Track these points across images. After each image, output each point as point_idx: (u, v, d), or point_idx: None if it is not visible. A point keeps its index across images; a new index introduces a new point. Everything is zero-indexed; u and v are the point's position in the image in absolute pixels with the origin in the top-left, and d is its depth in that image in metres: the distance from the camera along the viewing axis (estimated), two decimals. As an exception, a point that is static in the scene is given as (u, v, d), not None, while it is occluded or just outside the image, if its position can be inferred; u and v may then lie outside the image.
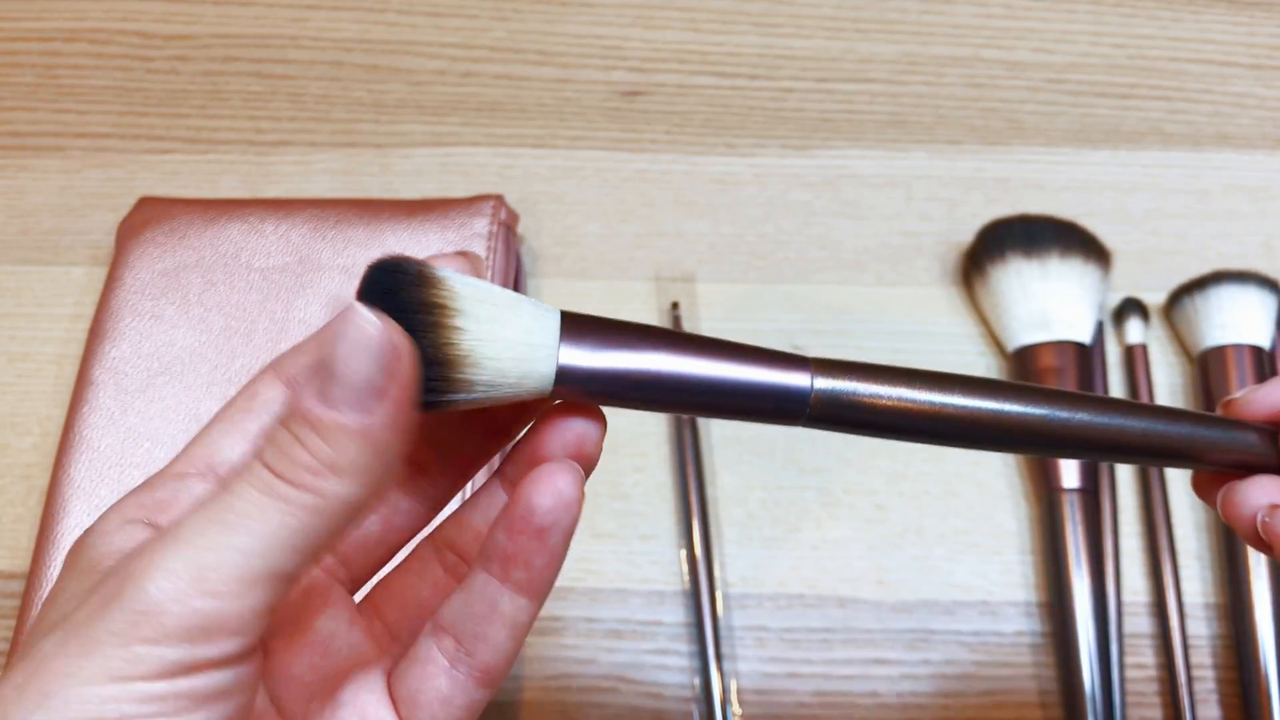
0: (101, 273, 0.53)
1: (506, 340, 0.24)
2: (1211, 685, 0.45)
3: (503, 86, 0.60)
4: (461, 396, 0.23)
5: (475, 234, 0.50)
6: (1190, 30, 0.61)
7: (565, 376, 0.24)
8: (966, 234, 0.53)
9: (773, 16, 0.62)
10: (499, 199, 0.51)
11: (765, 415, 0.26)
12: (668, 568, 0.47)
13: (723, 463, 0.50)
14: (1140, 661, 0.46)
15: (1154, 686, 0.45)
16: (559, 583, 0.46)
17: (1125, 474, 0.49)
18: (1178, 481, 0.49)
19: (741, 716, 0.45)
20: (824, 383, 0.26)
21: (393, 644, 0.27)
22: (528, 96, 0.59)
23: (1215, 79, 0.60)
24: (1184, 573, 0.47)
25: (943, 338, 0.53)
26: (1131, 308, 0.52)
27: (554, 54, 0.61)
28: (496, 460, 0.29)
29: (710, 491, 0.49)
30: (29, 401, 0.51)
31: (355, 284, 0.23)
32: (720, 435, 0.50)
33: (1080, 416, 0.27)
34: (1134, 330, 0.51)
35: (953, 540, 0.48)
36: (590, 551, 0.48)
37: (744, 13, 0.62)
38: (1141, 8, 0.62)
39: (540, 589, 0.25)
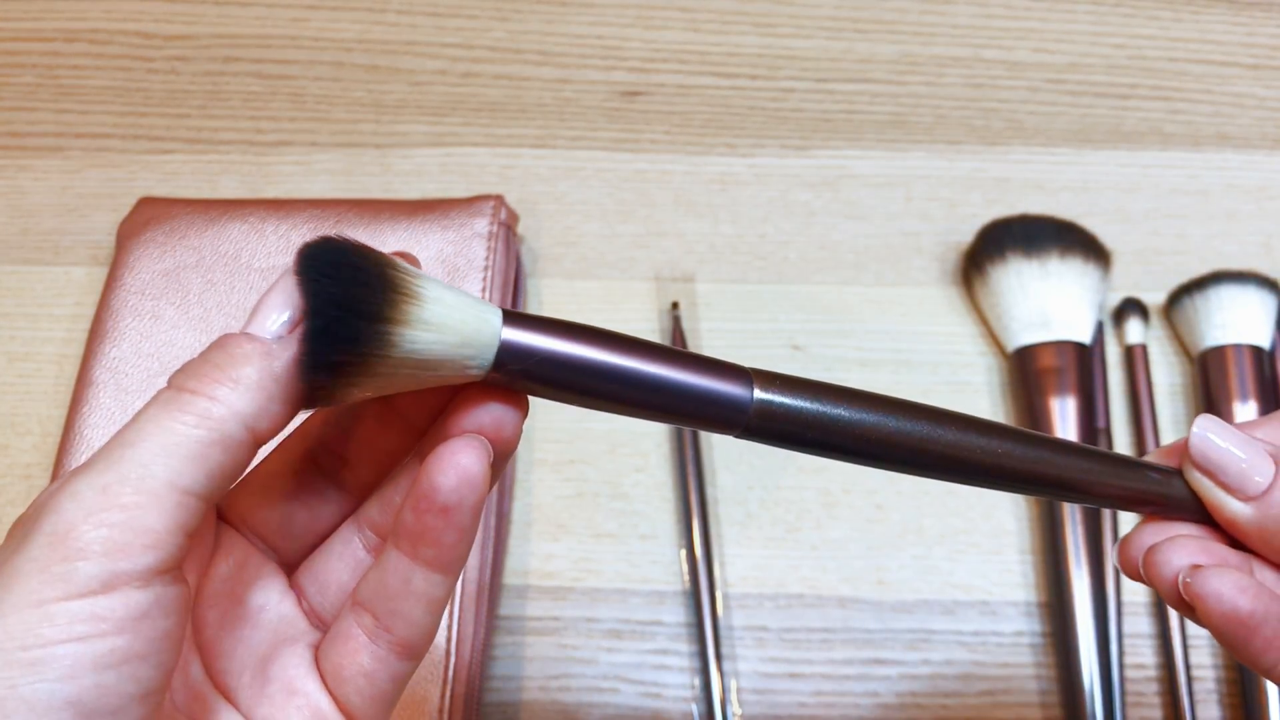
0: (102, 273, 0.53)
1: (455, 306, 0.24)
2: (1211, 685, 0.45)
3: (503, 86, 0.60)
4: (408, 353, 0.23)
5: (475, 234, 0.50)
6: (1190, 30, 0.61)
7: (506, 353, 0.24)
8: (966, 234, 0.53)
9: (773, 16, 0.62)
10: (499, 199, 0.51)
11: (703, 420, 0.26)
12: (668, 568, 0.47)
13: (723, 463, 0.50)
14: (1140, 661, 0.46)
15: (1154, 686, 0.46)
16: (559, 583, 0.47)
17: (1125, 474, 0.49)
18: (1177, 481, 0.49)
19: (741, 716, 0.45)
20: (764, 395, 0.26)
21: (319, 622, 0.28)
22: (528, 96, 0.59)
23: (1215, 79, 0.60)
24: (1184, 573, 0.47)
25: (942, 338, 0.53)
26: (1131, 308, 0.52)
27: (554, 54, 0.61)
28: None
29: (710, 491, 0.49)
30: (29, 401, 0.51)
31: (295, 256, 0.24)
32: (720, 435, 0.50)
33: (1008, 448, 0.28)
34: (1134, 330, 0.51)
35: (952, 540, 0.48)
36: (590, 551, 0.48)
37: (744, 13, 0.62)
38: (1141, 8, 0.62)
39: (451, 565, 0.25)
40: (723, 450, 0.50)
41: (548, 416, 0.51)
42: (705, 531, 0.47)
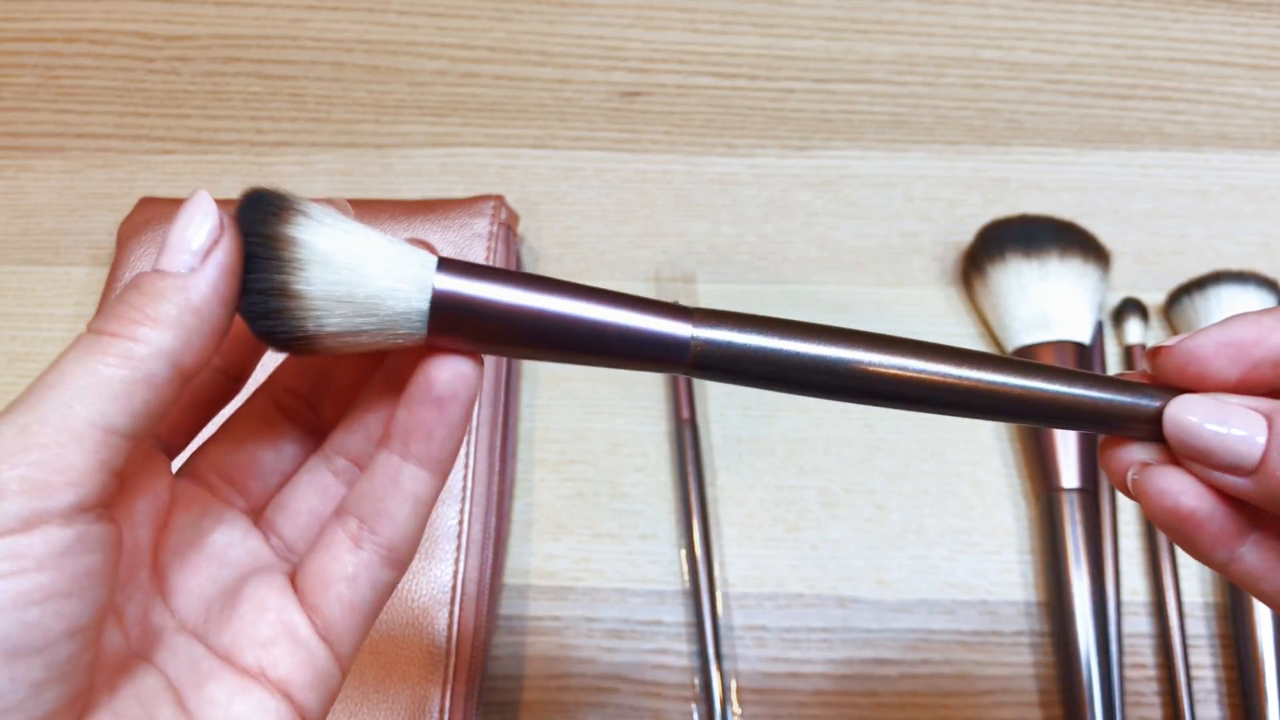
0: (103, 273, 0.53)
1: (378, 281, 0.24)
2: (1211, 685, 0.45)
3: (503, 87, 0.60)
4: (334, 329, 0.24)
5: (475, 234, 0.50)
6: (1190, 31, 0.61)
7: (439, 310, 0.24)
8: (966, 234, 0.53)
9: (773, 17, 0.62)
10: (499, 199, 0.51)
11: (646, 360, 0.26)
12: (668, 568, 0.47)
13: (723, 463, 0.50)
14: (1140, 661, 0.46)
15: (1154, 686, 0.46)
16: (559, 582, 0.47)
17: (1125, 474, 0.49)
18: (1177, 481, 0.49)
19: (741, 716, 0.45)
20: (705, 331, 0.26)
21: (290, 554, 0.28)
22: (528, 97, 0.59)
23: (1214, 79, 0.60)
24: (1183, 572, 0.47)
25: (942, 338, 0.52)
26: (1131, 308, 0.52)
27: (554, 54, 0.61)
28: None
29: (710, 491, 0.49)
30: (30, 401, 0.51)
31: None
32: (720, 435, 0.50)
33: (980, 375, 0.27)
34: (1133, 330, 0.51)
35: (952, 540, 0.48)
36: (590, 551, 0.48)
37: (744, 13, 0.62)
38: (1141, 8, 0.62)
39: (440, 463, 0.26)
40: (723, 450, 0.50)
41: (548, 416, 0.51)
42: (705, 531, 0.48)
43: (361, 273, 0.24)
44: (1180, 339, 0.27)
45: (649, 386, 0.51)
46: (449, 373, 0.25)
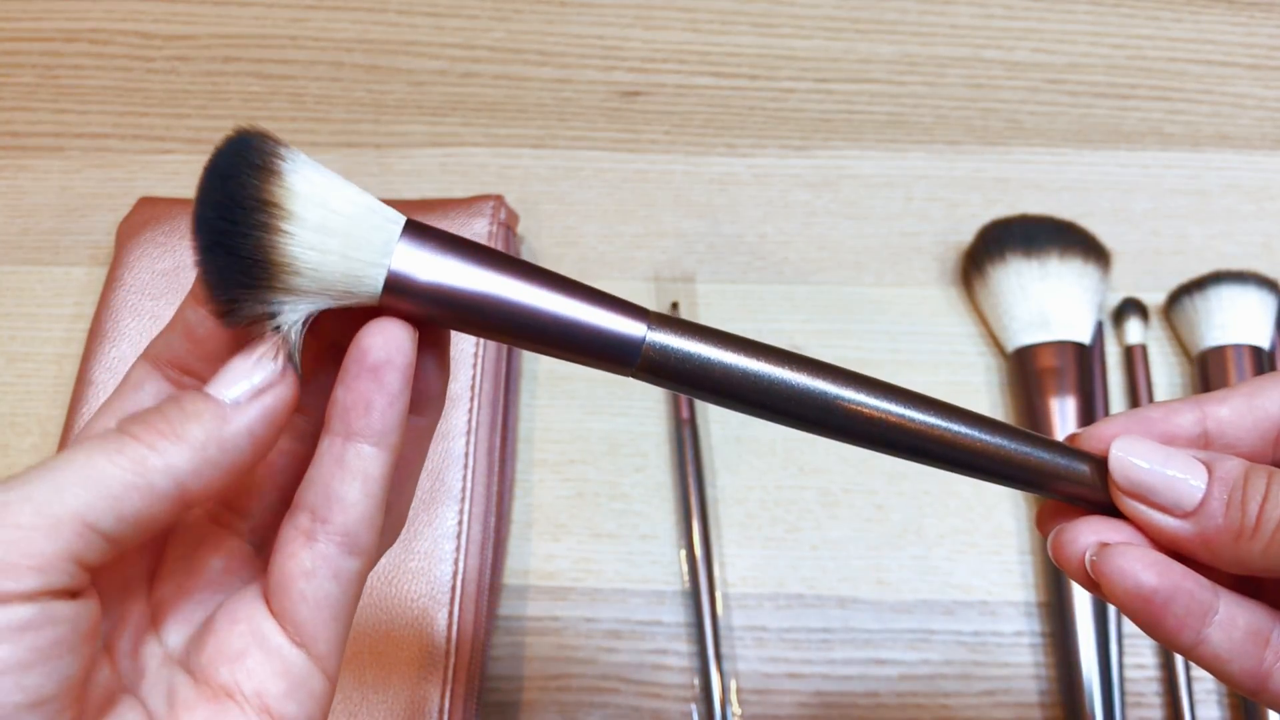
0: (102, 273, 0.53)
1: (334, 251, 0.24)
2: (1211, 685, 0.45)
3: (503, 87, 0.60)
4: (280, 302, 0.24)
5: (475, 234, 0.50)
6: (1190, 30, 0.61)
7: (394, 290, 0.24)
8: (966, 234, 0.53)
9: (773, 17, 0.62)
10: (499, 199, 0.51)
11: (596, 358, 0.26)
12: (668, 568, 0.47)
13: (723, 463, 0.50)
14: (1140, 661, 0.46)
15: (1154, 686, 0.46)
16: (559, 582, 0.47)
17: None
18: (1177, 481, 0.49)
19: (741, 716, 0.45)
20: (658, 336, 0.26)
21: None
22: (528, 97, 0.59)
23: (1215, 79, 0.60)
24: (1184, 573, 0.47)
25: (942, 338, 0.53)
26: (1131, 308, 0.52)
27: (554, 54, 0.61)
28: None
29: (710, 491, 0.49)
30: (29, 401, 0.51)
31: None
32: (720, 435, 0.50)
33: (920, 417, 0.27)
34: (1133, 330, 0.51)
35: (952, 540, 0.48)
36: (590, 551, 0.48)
37: (744, 13, 0.62)
38: (1141, 8, 0.62)
39: (384, 435, 0.25)
40: (723, 450, 0.50)
41: (548, 416, 0.51)
42: (705, 531, 0.47)
43: (332, 247, 0.24)
44: (1094, 425, 0.28)
45: (649, 386, 0.51)
46: (381, 339, 0.24)
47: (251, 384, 0.24)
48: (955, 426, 0.27)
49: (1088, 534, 0.27)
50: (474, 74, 0.60)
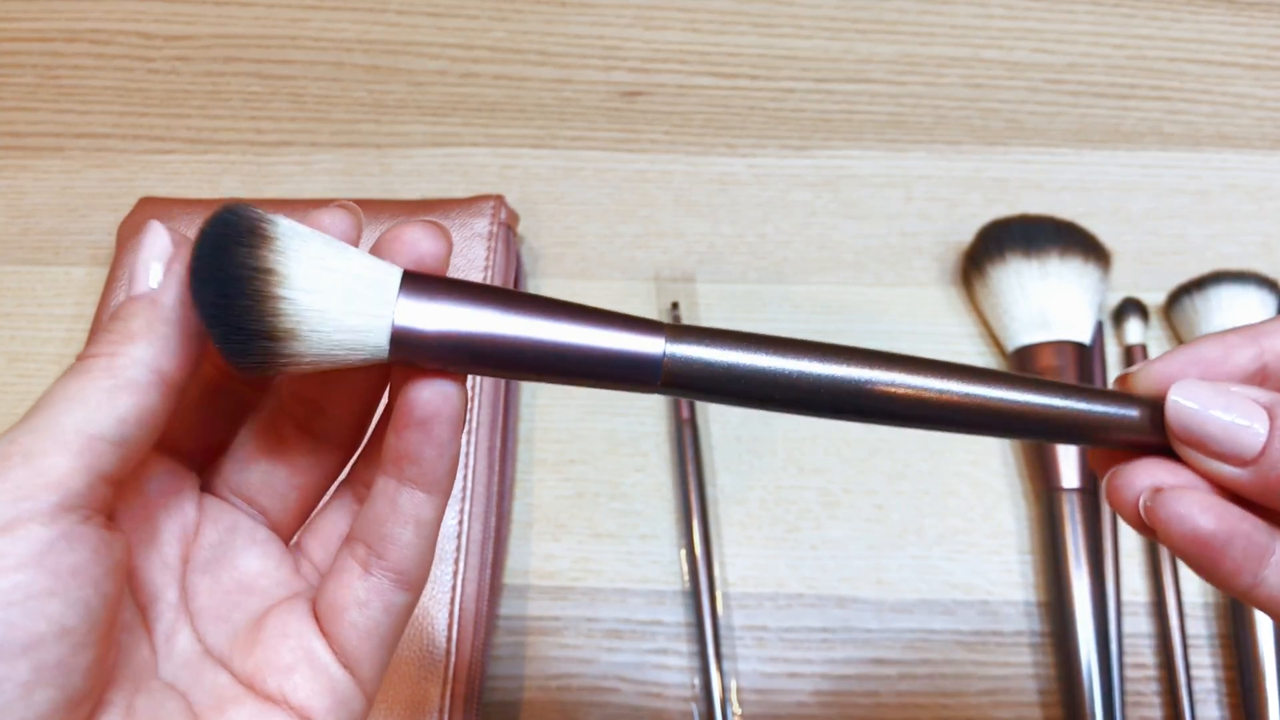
0: (102, 273, 0.53)
1: (335, 313, 0.23)
2: (1211, 685, 0.45)
3: (503, 87, 0.60)
4: (288, 365, 0.24)
5: (475, 234, 0.50)
6: (1190, 30, 0.61)
7: (401, 346, 0.24)
8: (966, 234, 0.53)
9: (773, 17, 0.62)
10: (499, 199, 0.51)
11: (617, 381, 0.25)
12: (668, 568, 0.47)
13: (723, 463, 0.50)
14: (1140, 661, 0.46)
15: (1154, 686, 0.46)
16: (559, 582, 0.47)
17: (1125, 474, 0.49)
18: (1177, 481, 0.49)
19: (741, 716, 0.45)
20: (677, 349, 0.25)
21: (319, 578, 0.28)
22: (528, 97, 0.59)
23: (1214, 79, 0.60)
24: (1184, 572, 0.47)
25: (942, 338, 0.53)
26: (1131, 308, 0.52)
27: (554, 54, 0.61)
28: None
29: (710, 491, 0.49)
30: (29, 401, 0.51)
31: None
32: (720, 435, 0.50)
33: (955, 388, 0.26)
34: (1133, 330, 0.51)
35: (952, 540, 0.48)
36: (590, 551, 0.48)
37: (744, 13, 0.62)
38: (1141, 8, 0.62)
39: (436, 482, 0.26)
40: (723, 450, 0.50)
41: (548, 416, 0.51)
42: (705, 531, 0.47)
43: (332, 309, 0.23)
44: (1146, 363, 0.27)
45: (649, 386, 0.51)
46: (429, 393, 0.25)
47: (158, 266, 0.25)
48: (995, 392, 0.26)
49: (1143, 477, 0.26)
50: (474, 74, 0.60)
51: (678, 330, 0.25)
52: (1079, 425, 0.27)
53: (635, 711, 0.45)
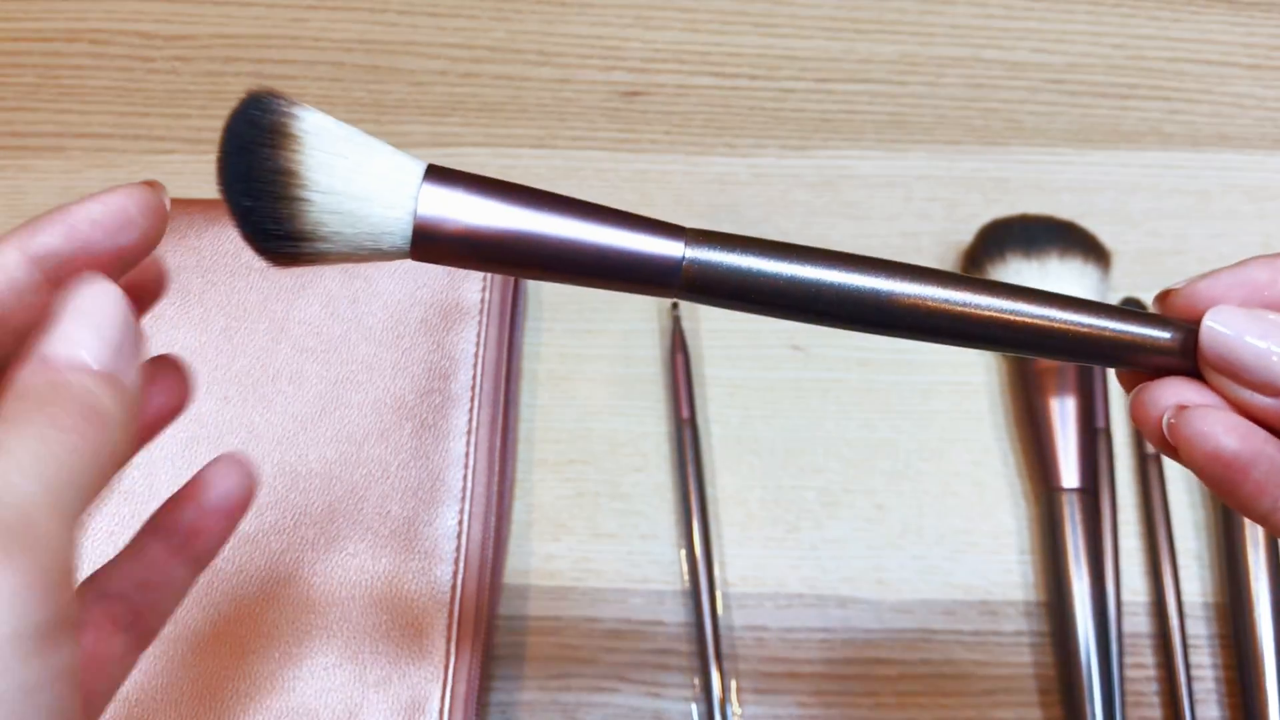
0: (102, 273, 0.53)
1: (358, 212, 0.24)
2: (1211, 685, 0.45)
3: (503, 87, 0.60)
4: (315, 260, 0.24)
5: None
6: (1189, 31, 0.61)
7: (421, 240, 0.24)
8: (966, 234, 0.53)
9: (773, 17, 0.62)
10: (499, 199, 0.51)
11: (635, 282, 0.25)
12: (668, 568, 0.47)
13: (723, 463, 0.50)
14: (1140, 661, 0.46)
15: (1154, 686, 0.46)
16: (559, 582, 0.47)
17: (1125, 473, 0.49)
18: (1177, 481, 0.49)
19: (741, 716, 0.45)
20: (697, 252, 0.25)
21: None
22: (528, 97, 0.59)
23: (1214, 79, 0.60)
24: (1183, 573, 0.47)
25: (942, 338, 0.53)
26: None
27: (554, 54, 0.61)
28: None
29: (710, 491, 0.49)
30: (29, 401, 0.51)
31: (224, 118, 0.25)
32: (720, 435, 0.50)
33: (979, 301, 0.26)
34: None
35: (952, 540, 0.48)
36: (590, 551, 0.48)
37: (744, 13, 0.62)
38: (1141, 8, 0.62)
39: (212, 559, 0.27)
40: (723, 450, 0.50)
41: (548, 416, 0.51)
42: (705, 531, 0.48)
43: (355, 208, 0.24)
44: (1191, 279, 0.27)
45: (649, 386, 0.51)
46: (236, 482, 0.26)
47: (118, 337, 0.23)
48: (1024, 307, 0.26)
49: (1170, 395, 0.26)
50: (474, 74, 0.60)
51: (699, 235, 0.26)
52: (1110, 345, 0.26)
53: (635, 711, 0.45)
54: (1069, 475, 0.47)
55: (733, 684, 0.45)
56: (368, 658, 0.41)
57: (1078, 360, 0.27)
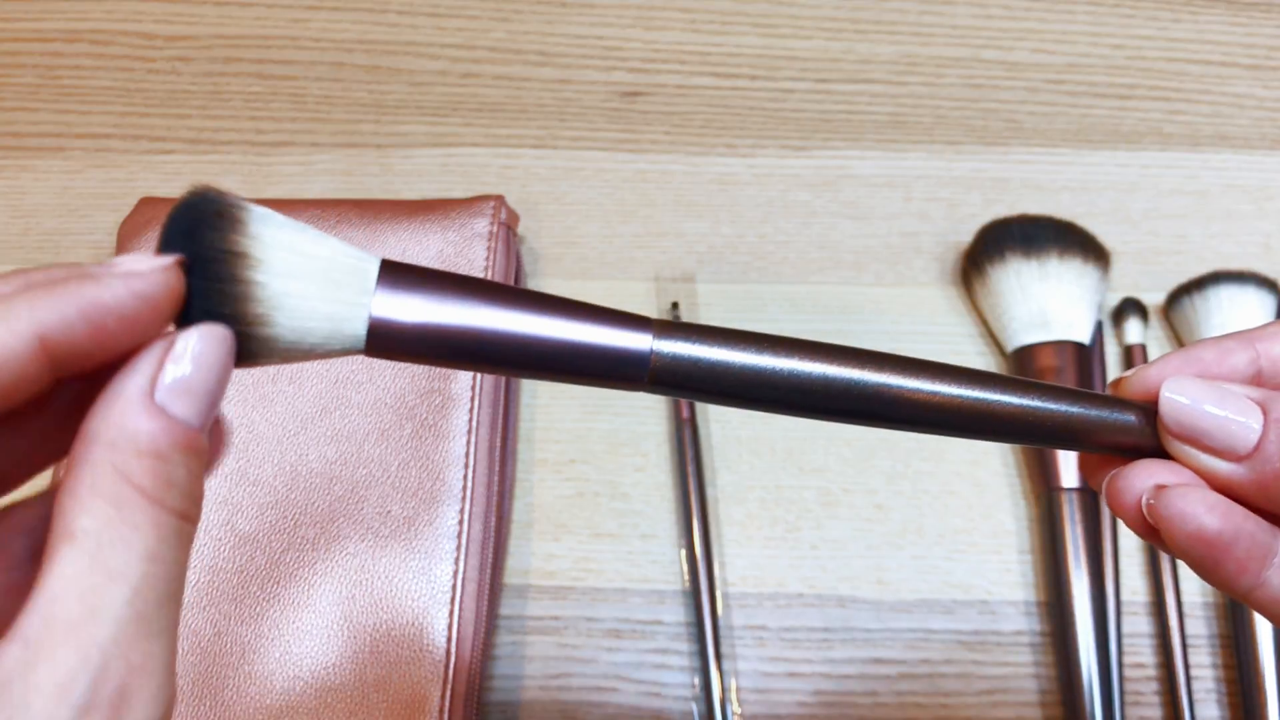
0: (102, 273, 0.53)
1: (310, 301, 0.22)
2: (1211, 685, 0.45)
3: (503, 87, 0.60)
4: (260, 354, 0.22)
5: (475, 234, 0.50)
6: (1189, 31, 0.61)
7: (377, 336, 0.23)
8: (966, 234, 0.53)
9: (773, 17, 0.62)
10: (499, 199, 0.51)
11: (603, 378, 0.24)
12: (668, 567, 0.48)
13: (723, 463, 0.50)
14: (1140, 661, 0.46)
15: (1154, 686, 0.46)
16: (559, 582, 0.47)
17: (1124, 474, 0.49)
18: (1177, 481, 0.49)
19: (741, 716, 0.45)
20: (665, 345, 0.24)
21: None
22: (528, 97, 0.59)
23: (1214, 79, 0.60)
24: (1183, 572, 0.47)
25: (942, 338, 0.53)
26: (1130, 308, 0.52)
27: (554, 54, 0.61)
28: None
29: (710, 491, 0.49)
30: (30, 401, 0.51)
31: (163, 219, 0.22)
32: (720, 435, 0.50)
33: (949, 390, 0.26)
34: (1133, 330, 0.51)
35: (952, 540, 0.48)
36: (590, 551, 0.48)
37: (744, 13, 0.62)
38: (1141, 8, 0.62)
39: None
40: (723, 450, 0.50)
41: (548, 416, 0.51)
42: (705, 531, 0.48)
43: (307, 296, 0.22)
44: (1141, 368, 0.27)
45: (649, 386, 0.51)
46: None
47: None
48: (988, 394, 0.26)
49: (1144, 477, 0.26)
50: (474, 74, 0.60)
51: (666, 326, 0.25)
52: (1073, 429, 0.26)
53: (635, 711, 0.45)
54: (1069, 475, 0.47)
55: (733, 684, 0.45)
56: (368, 658, 0.41)
57: (1045, 444, 0.27)
